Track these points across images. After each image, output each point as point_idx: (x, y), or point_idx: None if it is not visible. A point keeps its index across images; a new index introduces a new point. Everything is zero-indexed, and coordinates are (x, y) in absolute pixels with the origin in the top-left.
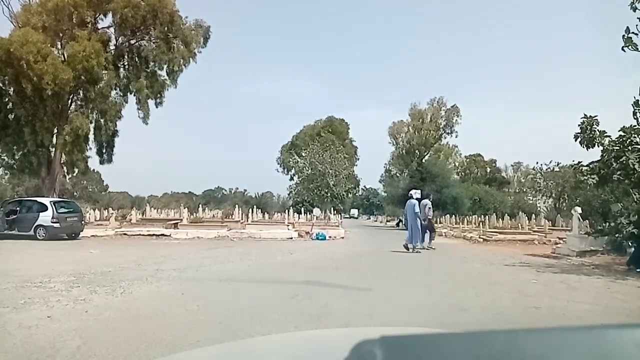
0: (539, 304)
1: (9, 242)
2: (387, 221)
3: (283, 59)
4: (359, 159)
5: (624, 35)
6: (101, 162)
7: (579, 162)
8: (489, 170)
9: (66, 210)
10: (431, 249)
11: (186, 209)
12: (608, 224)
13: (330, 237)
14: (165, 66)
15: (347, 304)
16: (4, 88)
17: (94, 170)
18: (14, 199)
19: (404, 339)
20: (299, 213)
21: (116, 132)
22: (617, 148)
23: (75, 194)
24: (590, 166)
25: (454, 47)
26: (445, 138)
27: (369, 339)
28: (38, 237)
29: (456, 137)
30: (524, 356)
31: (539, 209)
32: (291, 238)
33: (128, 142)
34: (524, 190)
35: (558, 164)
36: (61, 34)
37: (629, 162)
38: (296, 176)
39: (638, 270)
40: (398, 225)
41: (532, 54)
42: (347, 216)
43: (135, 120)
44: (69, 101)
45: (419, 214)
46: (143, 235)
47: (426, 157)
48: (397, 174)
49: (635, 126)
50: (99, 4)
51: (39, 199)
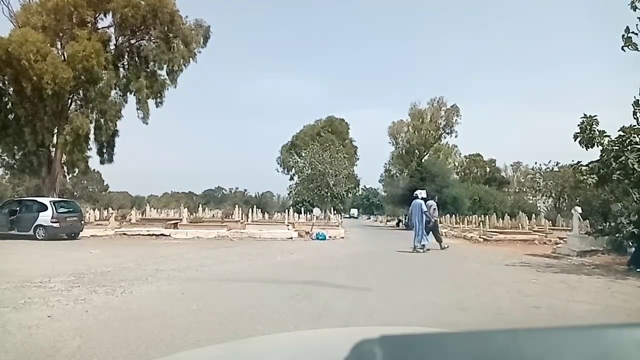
0: (539, 304)
1: (8, 242)
2: (387, 221)
3: (283, 59)
4: (359, 158)
5: (623, 35)
6: (101, 162)
7: (578, 162)
8: (488, 170)
9: (66, 210)
10: (443, 249)
11: (186, 208)
12: (608, 223)
13: (330, 237)
14: (165, 66)
15: (347, 304)
16: (4, 88)
17: (94, 170)
18: (14, 198)
19: (404, 338)
20: (299, 213)
21: (116, 132)
22: (617, 148)
23: (76, 193)
24: (590, 166)
25: (454, 47)
26: (445, 138)
27: (369, 339)
28: (38, 237)
29: (456, 137)
30: (524, 356)
31: (539, 208)
32: (291, 238)
33: (128, 142)
34: (524, 190)
35: (557, 163)
36: (61, 34)
37: (629, 161)
38: (296, 176)
39: (638, 270)
40: (398, 225)
41: (532, 54)
42: (347, 216)
43: (135, 120)
44: (69, 101)
45: (427, 213)
46: (143, 235)
47: (426, 157)
48: (397, 174)
49: (635, 126)
50: (99, 3)
51: (39, 199)
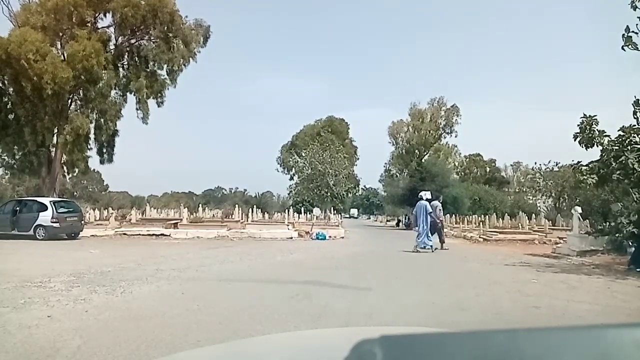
0: (539, 304)
1: (8, 242)
2: (387, 221)
3: (283, 59)
4: (359, 158)
5: (624, 35)
6: (101, 162)
7: (578, 162)
8: (488, 170)
9: (66, 210)
10: (444, 250)
11: (186, 208)
12: (608, 223)
13: (330, 236)
14: (165, 66)
15: (347, 304)
16: (3, 88)
17: (94, 170)
18: (15, 198)
19: (404, 338)
20: (299, 213)
21: (116, 131)
22: (617, 148)
23: (75, 193)
24: (590, 166)
25: (454, 47)
26: (445, 138)
27: (369, 339)
28: (38, 237)
29: (456, 136)
30: (524, 356)
31: (538, 208)
32: (291, 238)
33: (128, 142)
34: (524, 190)
35: (557, 163)
36: (61, 34)
37: (629, 161)
38: (296, 176)
39: (638, 269)
40: (398, 225)
41: (532, 54)
42: (347, 216)
43: (135, 120)
44: (69, 101)
45: (432, 214)
46: (143, 235)
47: (426, 157)
48: (397, 174)
49: (635, 126)
50: (99, 3)
51: (39, 199)
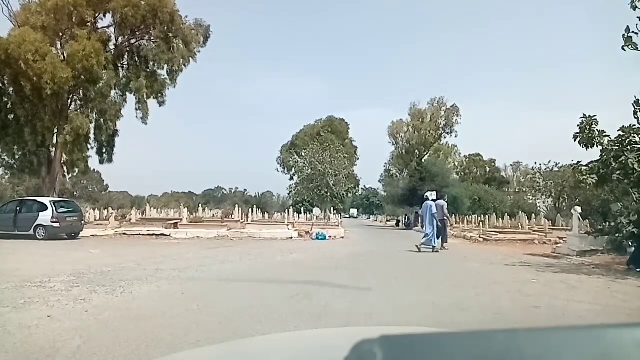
0: (539, 304)
1: (8, 241)
2: (387, 221)
3: (283, 59)
4: (359, 158)
5: (624, 35)
6: (101, 162)
7: (578, 162)
8: (488, 170)
9: (66, 210)
10: (444, 249)
11: (186, 208)
12: (608, 223)
13: (330, 236)
14: (165, 66)
15: (347, 304)
16: (3, 88)
17: (94, 170)
18: (15, 198)
19: (404, 338)
20: (299, 213)
21: (116, 131)
22: (617, 148)
23: (75, 193)
24: (590, 166)
25: (454, 47)
26: (445, 138)
27: (369, 339)
28: (38, 236)
29: (456, 136)
30: (524, 356)
31: (538, 208)
32: (291, 238)
33: (128, 142)
34: (524, 190)
35: (557, 164)
36: (61, 34)
37: (629, 161)
38: (296, 176)
39: (638, 269)
40: (397, 224)
41: (532, 54)
42: (347, 216)
43: (135, 120)
44: (69, 101)
45: (436, 215)
46: (143, 235)
47: (426, 157)
48: (397, 174)
49: (635, 126)
50: (99, 3)
51: (39, 199)
